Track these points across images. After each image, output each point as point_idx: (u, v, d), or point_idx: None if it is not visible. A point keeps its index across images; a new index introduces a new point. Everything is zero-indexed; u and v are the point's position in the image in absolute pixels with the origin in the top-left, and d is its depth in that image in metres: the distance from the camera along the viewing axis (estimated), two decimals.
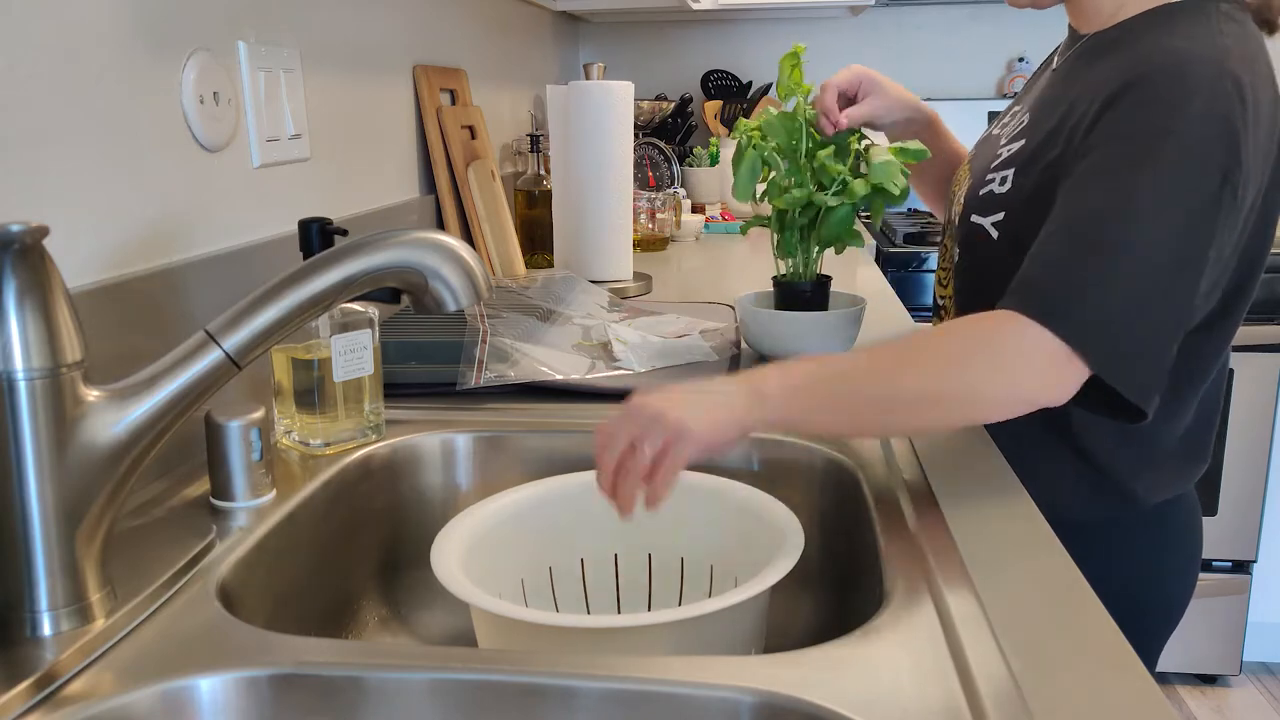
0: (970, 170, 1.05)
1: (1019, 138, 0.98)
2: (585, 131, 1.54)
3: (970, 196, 1.01)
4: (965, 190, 1.03)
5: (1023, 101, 1.06)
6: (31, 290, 0.54)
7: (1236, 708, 2.28)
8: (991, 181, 0.98)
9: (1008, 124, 1.04)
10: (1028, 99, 1.05)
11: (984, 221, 0.97)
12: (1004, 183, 0.96)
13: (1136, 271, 0.77)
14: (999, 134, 1.05)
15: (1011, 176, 0.95)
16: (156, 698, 0.53)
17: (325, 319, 0.84)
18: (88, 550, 0.58)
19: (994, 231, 0.96)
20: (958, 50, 2.90)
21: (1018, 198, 0.94)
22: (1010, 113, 1.07)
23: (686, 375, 1.05)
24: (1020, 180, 0.94)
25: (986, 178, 0.99)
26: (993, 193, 0.97)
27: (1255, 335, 2.16)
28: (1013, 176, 0.95)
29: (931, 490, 0.78)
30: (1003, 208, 0.95)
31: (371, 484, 0.88)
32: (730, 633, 0.66)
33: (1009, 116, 1.07)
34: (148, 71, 0.84)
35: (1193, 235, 0.79)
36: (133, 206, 0.82)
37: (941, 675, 0.54)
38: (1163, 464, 0.97)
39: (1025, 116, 1.00)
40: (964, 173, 1.07)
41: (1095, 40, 0.96)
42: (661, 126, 2.69)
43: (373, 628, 0.85)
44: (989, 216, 0.97)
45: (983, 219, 0.97)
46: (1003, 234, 0.95)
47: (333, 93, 1.18)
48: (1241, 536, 2.27)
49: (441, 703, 0.54)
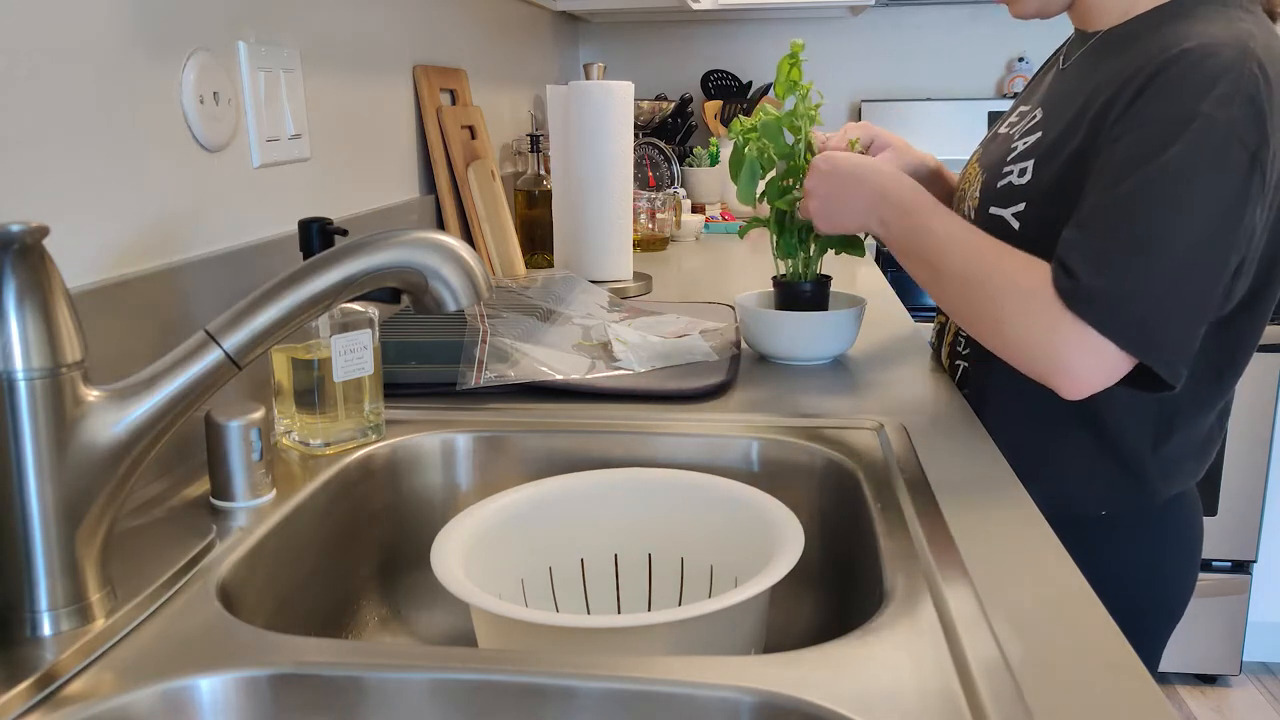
0: (981, 167, 1.06)
1: (1034, 131, 0.99)
2: (585, 131, 1.54)
3: (987, 190, 1.02)
4: (979, 185, 1.04)
5: (1029, 100, 1.07)
6: (31, 290, 0.54)
7: (1236, 708, 2.28)
8: (1010, 174, 0.99)
9: (1016, 123, 1.05)
10: (1035, 97, 1.06)
11: (1004, 213, 0.98)
12: (1023, 174, 0.97)
13: (1171, 254, 0.81)
14: (1009, 131, 1.05)
15: (1031, 168, 0.97)
16: (156, 698, 0.53)
17: (325, 319, 0.84)
18: (88, 550, 0.58)
19: (1015, 222, 0.97)
20: (958, 50, 2.90)
21: (1038, 188, 0.95)
22: (1017, 111, 1.08)
23: (687, 374, 1.05)
24: (1041, 171, 0.96)
25: (1004, 170, 1.00)
26: (1012, 184, 0.98)
27: None
28: (1033, 168, 0.97)
29: (931, 490, 0.78)
30: (1024, 198, 0.97)
31: (371, 484, 0.88)
32: (730, 633, 0.66)
33: (1015, 115, 1.07)
34: (148, 71, 0.84)
35: (1225, 215, 0.82)
36: (133, 206, 0.82)
37: (941, 675, 0.54)
38: (1192, 453, 0.99)
39: (1038, 112, 1.01)
40: (973, 171, 1.08)
41: (1108, 36, 0.97)
42: (661, 126, 2.69)
43: (373, 628, 0.85)
44: (1009, 208, 0.98)
45: (1003, 210, 0.99)
46: (1025, 224, 0.96)
47: (333, 93, 1.18)
48: (1241, 536, 2.27)
49: (441, 703, 0.54)
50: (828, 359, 1.15)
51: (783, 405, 0.99)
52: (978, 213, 1.03)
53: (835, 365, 1.14)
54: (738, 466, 0.90)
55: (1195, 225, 0.81)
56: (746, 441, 0.90)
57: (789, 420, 0.94)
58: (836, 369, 1.12)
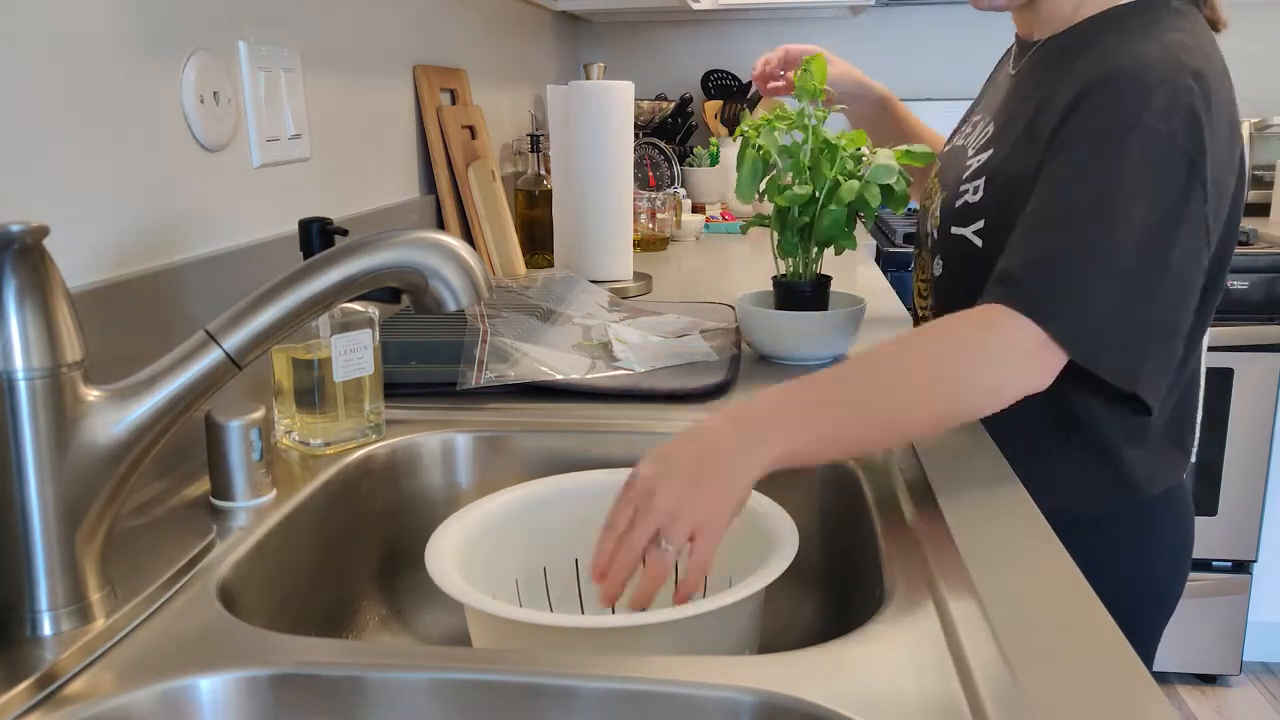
0: (941, 183, 1.07)
1: (986, 148, 1.00)
2: (585, 131, 1.54)
3: (946, 209, 1.03)
4: (939, 204, 1.04)
5: (982, 110, 1.08)
6: (31, 290, 0.54)
7: (1236, 708, 2.28)
8: (965, 192, 1.00)
9: (970, 134, 1.06)
10: (988, 106, 1.07)
11: (965, 231, 0.99)
12: (976, 192, 0.98)
13: (1110, 260, 0.80)
14: (964, 144, 1.07)
15: (983, 185, 0.98)
16: (156, 698, 0.53)
17: (325, 319, 0.84)
18: (88, 550, 0.58)
19: (977, 240, 0.98)
20: (958, 50, 2.90)
21: (993, 205, 0.96)
22: (971, 121, 1.09)
23: (687, 374, 1.05)
24: (992, 189, 0.96)
25: (960, 189, 1.01)
26: (968, 203, 0.99)
27: (1255, 335, 2.16)
28: (984, 185, 0.97)
29: (931, 490, 0.78)
30: (981, 216, 0.97)
31: (372, 484, 0.88)
32: (724, 633, 0.66)
33: (970, 126, 1.09)
34: (148, 71, 0.84)
35: (1163, 223, 0.81)
36: (133, 206, 0.82)
37: (941, 675, 0.54)
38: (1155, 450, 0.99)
39: (990, 127, 1.02)
40: (934, 186, 1.09)
41: (1048, 47, 0.99)
42: (661, 126, 2.69)
43: (373, 628, 0.85)
44: (969, 226, 0.99)
45: (963, 229, 0.99)
46: (986, 241, 0.96)
47: (333, 93, 1.18)
48: (1241, 536, 2.27)
49: (441, 703, 0.54)
50: (828, 359, 1.15)
51: None
52: (940, 232, 1.04)
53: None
54: None
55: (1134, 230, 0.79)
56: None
57: None
58: None
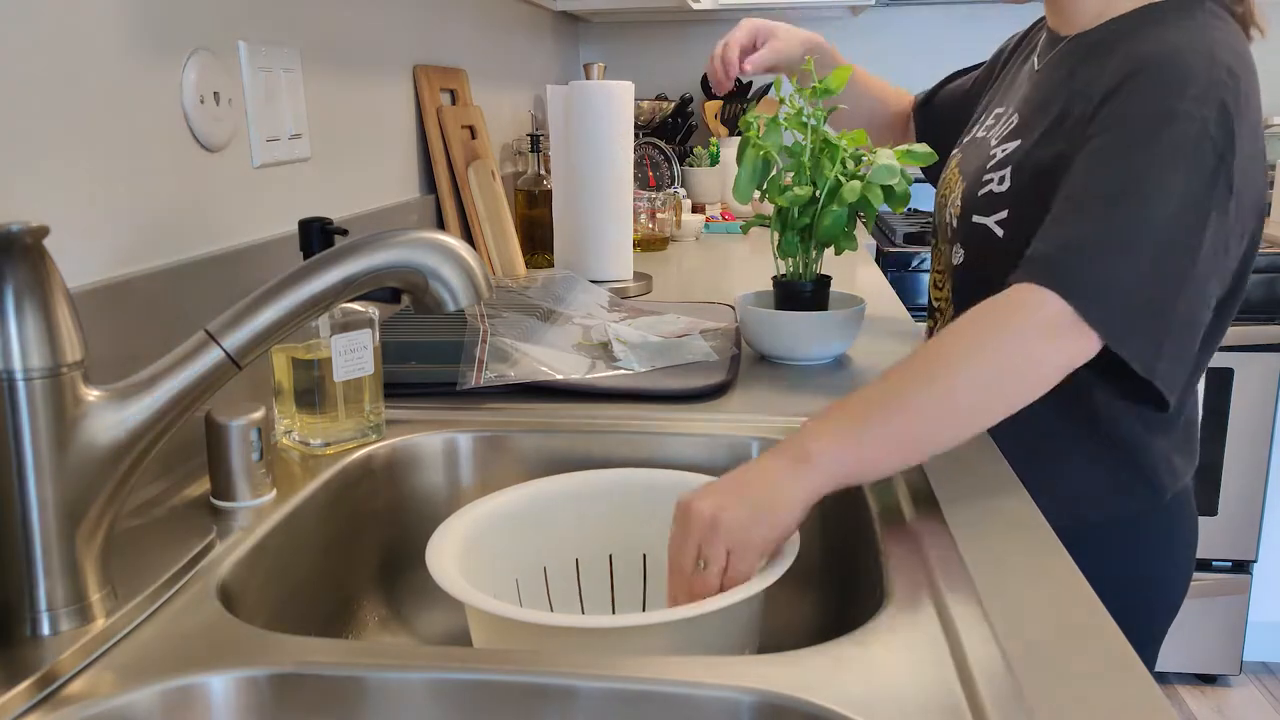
0: (961, 173, 1.07)
1: (1012, 138, 1.00)
2: (585, 131, 1.54)
3: (968, 198, 1.02)
4: (960, 193, 1.04)
5: (1005, 100, 1.07)
6: (31, 290, 0.54)
7: (1236, 708, 2.28)
8: (990, 182, 0.99)
9: (994, 126, 1.06)
10: (1010, 97, 1.06)
11: (987, 221, 0.98)
12: (1002, 182, 0.98)
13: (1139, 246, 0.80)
14: (985, 136, 1.06)
15: (1010, 175, 0.97)
16: (156, 698, 0.53)
17: (325, 319, 0.84)
18: (88, 550, 0.58)
19: (999, 230, 0.97)
20: (958, 50, 2.89)
21: (1018, 195, 0.96)
22: (993, 114, 1.08)
23: (687, 374, 1.05)
24: (1019, 178, 0.96)
25: (984, 178, 1.00)
26: (992, 192, 0.99)
27: (1255, 335, 2.16)
28: (1010, 175, 0.97)
29: (931, 490, 0.78)
30: (1005, 206, 0.97)
31: (372, 484, 0.88)
32: (724, 634, 0.66)
33: (991, 118, 1.08)
34: (148, 71, 0.84)
35: (1190, 213, 0.81)
36: (133, 206, 0.82)
37: (941, 675, 0.54)
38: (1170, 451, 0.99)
39: (1014, 117, 1.02)
40: (954, 176, 1.08)
41: (1079, 41, 0.98)
42: (661, 126, 2.69)
43: (373, 628, 0.85)
44: (992, 215, 0.98)
45: (985, 219, 0.99)
46: (1008, 231, 0.96)
47: (333, 93, 1.18)
48: (1241, 536, 2.27)
49: (441, 703, 0.54)
50: (828, 359, 1.15)
51: (783, 405, 0.99)
52: (960, 221, 1.03)
53: (835, 365, 1.14)
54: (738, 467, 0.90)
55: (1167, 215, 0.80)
56: (746, 441, 0.90)
57: (789, 420, 0.93)
58: (836, 369, 1.12)
